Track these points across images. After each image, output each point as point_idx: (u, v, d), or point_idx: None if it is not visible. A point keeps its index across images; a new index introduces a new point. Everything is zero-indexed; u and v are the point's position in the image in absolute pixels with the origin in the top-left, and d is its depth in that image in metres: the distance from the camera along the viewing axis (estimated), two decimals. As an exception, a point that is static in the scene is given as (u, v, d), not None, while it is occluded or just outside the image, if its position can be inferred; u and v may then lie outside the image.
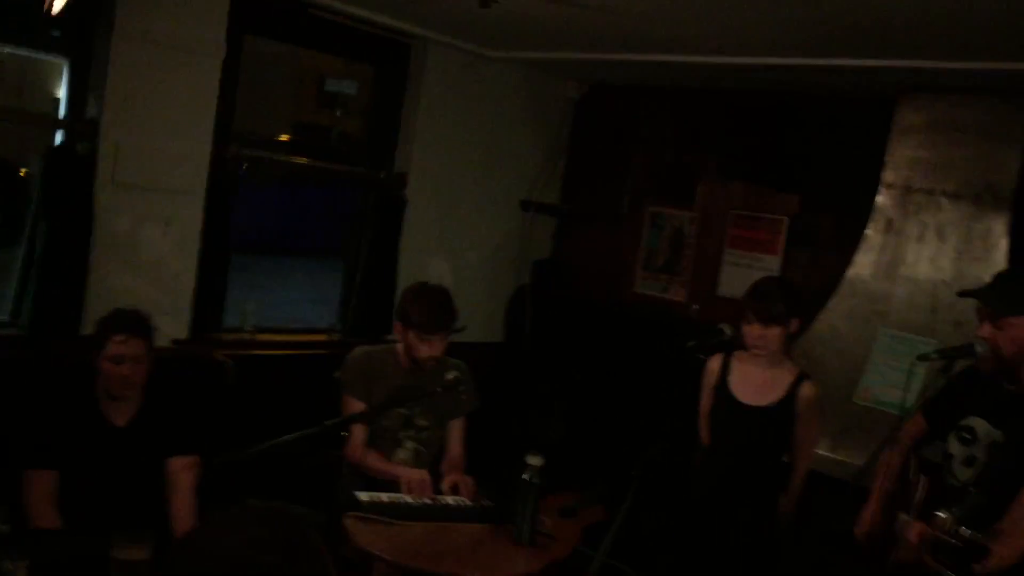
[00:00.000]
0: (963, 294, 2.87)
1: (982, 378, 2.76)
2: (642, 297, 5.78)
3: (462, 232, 5.56)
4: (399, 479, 3.28)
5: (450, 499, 3.28)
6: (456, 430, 3.63)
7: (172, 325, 4.22)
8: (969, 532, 2.42)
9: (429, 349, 3.40)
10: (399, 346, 3.53)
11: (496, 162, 5.66)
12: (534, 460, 2.97)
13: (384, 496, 3.17)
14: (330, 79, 16.78)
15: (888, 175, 4.45)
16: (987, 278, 3.86)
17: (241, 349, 4.53)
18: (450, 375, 3.34)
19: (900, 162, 4.41)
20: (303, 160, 6.19)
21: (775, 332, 3.27)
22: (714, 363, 3.48)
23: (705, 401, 3.50)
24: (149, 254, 4.15)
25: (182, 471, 3.07)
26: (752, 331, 3.28)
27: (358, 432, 3.36)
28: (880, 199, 4.46)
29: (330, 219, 12.57)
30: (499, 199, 5.75)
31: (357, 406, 3.39)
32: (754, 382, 3.36)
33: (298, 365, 4.72)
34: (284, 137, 14.69)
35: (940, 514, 2.50)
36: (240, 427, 3.33)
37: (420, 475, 3.29)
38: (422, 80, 5.15)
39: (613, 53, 4.77)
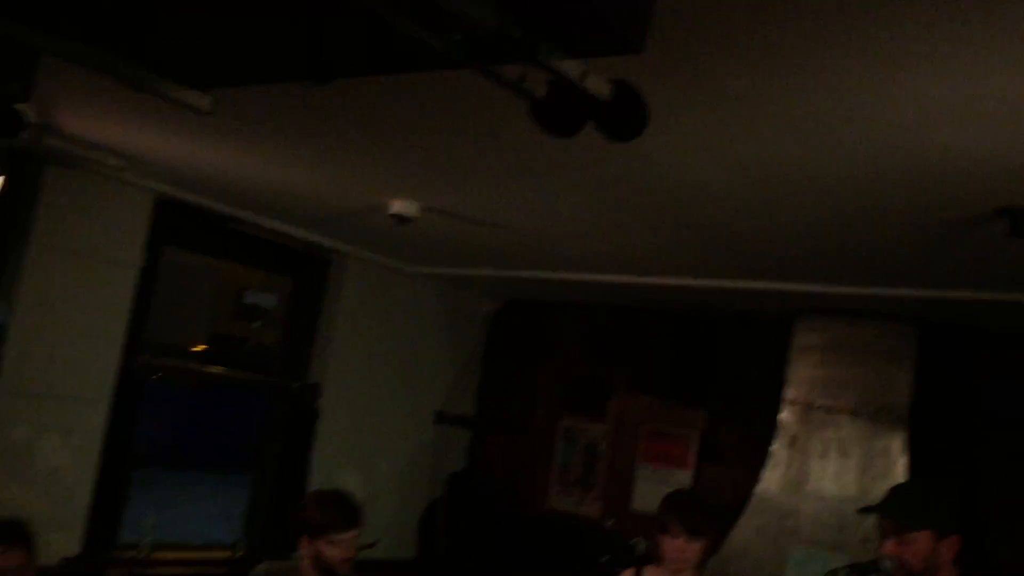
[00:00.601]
0: (864, 511, 2.91)
1: None
2: (556, 511, 5.71)
3: (375, 444, 5.48)
4: None
5: None
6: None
7: (63, 541, 3.99)
8: None
9: (343, 551, 3.27)
10: (304, 563, 3.38)
11: (411, 374, 5.69)
12: None
13: None
14: (249, 291, 16.87)
15: (790, 392, 4.61)
16: (889, 494, 3.96)
17: (136, 567, 4.27)
18: (357, 594, 3.20)
19: (801, 380, 4.59)
20: (217, 369, 6.12)
21: (699, 546, 3.23)
22: (627, 578, 3.41)
23: (619, 615, 3.40)
24: (45, 464, 3.97)
25: None
26: (676, 545, 3.23)
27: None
28: (783, 416, 4.60)
29: (242, 432, 12.27)
30: (413, 411, 5.73)
31: (259, 628, 3.19)
32: (669, 599, 3.28)
33: (197, 585, 4.47)
34: (199, 347, 14.52)
35: None
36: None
37: None
38: (340, 293, 5.24)
39: (525, 270, 4.96)
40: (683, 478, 5.17)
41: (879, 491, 4.16)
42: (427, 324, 5.78)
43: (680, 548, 3.23)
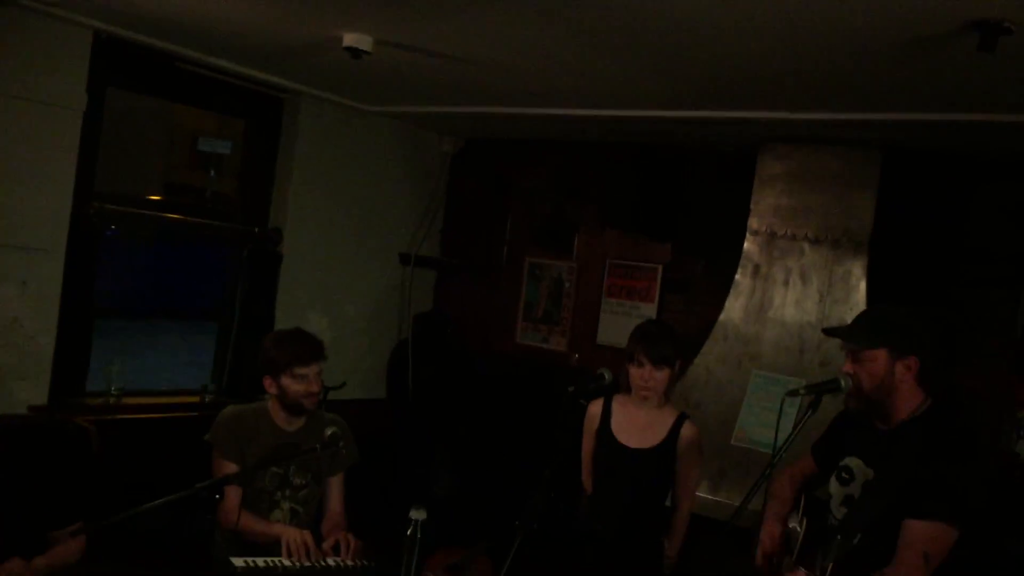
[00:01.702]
0: (827, 331, 2.96)
1: (859, 418, 2.81)
2: (523, 348, 5.81)
3: (340, 287, 5.48)
4: (279, 539, 3.15)
5: (331, 560, 3.16)
6: (335, 487, 3.52)
7: (29, 390, 3.99)
8: None
9: (307, 385, 3.31)
10: (272, 403, 3.42)
11: (374, 216, 5.63)
12: (417, 515, 2.89)
13: (260, 560, 3.03)
14: (203, 138, 16.44)
15: (753, 222, 4.62)
16: (848, 318, 4.05)
17: (106, 414, 4.30)
18: (328, 431, 3.25)
19: (764, 210, 4.59)
20: (174, 216, 6.00)
21: (665, 374, 3.31)
22: (595, 408, 3.49)
23: (587, 446, 3.51)
24: (3, 315, 3.92)
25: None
26: (642, 374, 3.31)
27: (232, 494, 3.21)
28: (747, 245, 4.63)
29: (206, 279, 12.23)
30: (378, 253, 5.70)
31: (229, 467, 3.25)
32: (636, 425, 3.38)
33: (168, 429, 4.50)
34: (155, 197, 14.27)
35: (801, 570, 2.48)
36: (107, 494, 3.15)
37: (301, 535, 3.17)
38: (296, 134, 5.09)
39: (486, 107, 4.83)
40: (648, 311, 5.25)
41: (838, 316, 4.28)
42: (388, 165, 5.68)
43: (646, 376, 3.31)
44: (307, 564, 3.08)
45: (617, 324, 5.31)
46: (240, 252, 4.99)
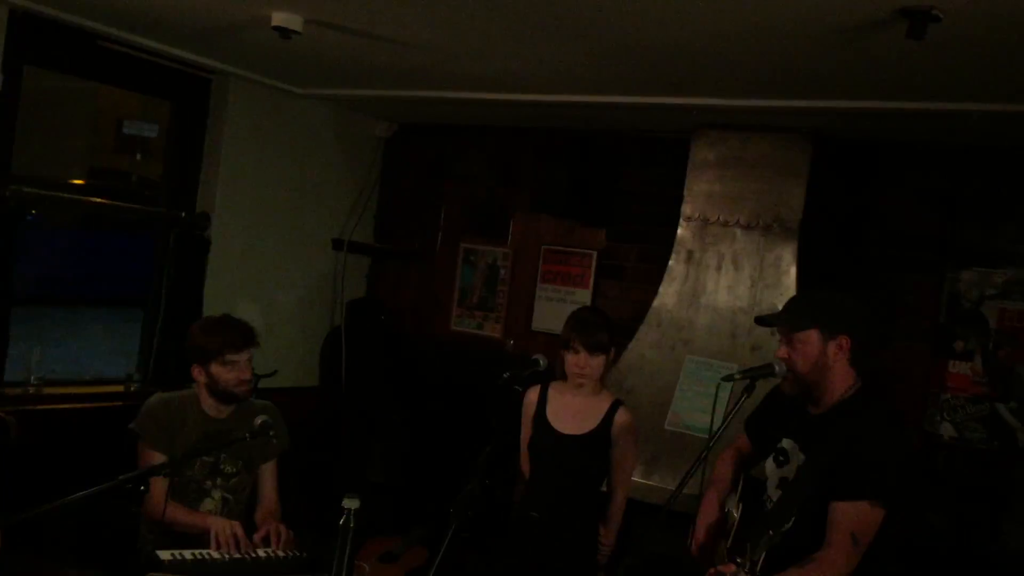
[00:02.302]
0: (759, 320, 2.99)
1: (793, 400, 2.85)
2: (458, 334, 5.78)
3: (272, 273, 5.37)
4: (208, 531, 3.08)
5: (262, 551, 3.10)
6: (268, 475, 3.46)
7: (-57, 381, 3.83)
8: None
9: (240, 372, 3.24)
10: (201, 391, 3.34)
11: (306, 201, 5.53)
12: (350, 503, 2.84)
13: (188, 553, 2.96)
14: (128, 121, 16.00)
15: (687, 208, 4.65)
16: (779, 303, 4.12)
17: (26, 404, 4.16)
18: (258, 419, 3.18)
19: (697, 196, 4.63)
20: (97, 201, 5.83)
21: (600, 361, 3.32)
22: (532, 395, 3.49)
23: (525, 433, 3.50)
24: (-86, 303, 3.75)
25: None
26: (577, 361, 3.31)
27: (158, 485, 3.11)
28: (681, 232, 4.66)
29: (134, 268, 11.91)
30: (310, 238, 5.61)
31: (156, 457, 3.17)
32: (571, 411, 3.39)
33: (92, 419, 4.37)
34: (78, 181, 13.84)
35: (737, 560, 2.46)
36: (27, 487, 3.04)
37: (231, 525, 3.10)
38: (224, 117, 4.97)
39: (420, 90, 4.78)
40: (583, 297, 5.26)
41: (769, 301, 4.33)
42: (320, 149, 5.58)
43: (581, 364, 3.32)
44: (237, 556, 3.02)
45: (552, 310, 5.31)
46: (166, 237, 4.85)
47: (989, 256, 4.34)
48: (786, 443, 2.81)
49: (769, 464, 2.86)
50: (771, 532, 2.41)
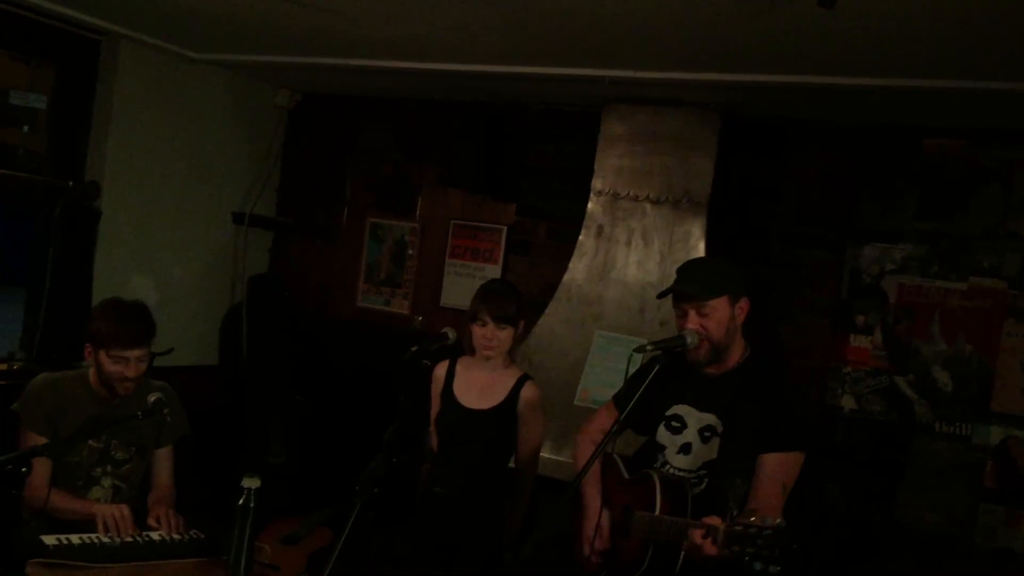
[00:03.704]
0: (662, 295, 2.96)
1: (674, 367, 2.83)
2: (365, 311, 5.64)
3: (167, 247, 5.14)
4: (93, 516, 2.91)
5: (155, 534, 2.95)
6: (163, 460, 3.30)
7: None
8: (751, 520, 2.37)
9: (125, 369, 3.06)
10: (91, 371, 3.15)
11: (204, 172, 5.30)
12: (250, 483, 2.72)
13: (75, 537, 2.80)
14: (15, 92, 15.21)
15: (597, 183, 4.61)
16: (688, 278, 4.11)
17: None
18: (151, 397, 3.02)
19: (607, 170, 4.60)
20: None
21: (507, 333, 3.26)
22: (440, 370, 3.42)
23: (434, 409, 3.43)
24: None
25: None
26: (485, 332, 3.25)
27: (40, 469, 2.93)
28: (591, 206, 4.62)
29: (17, 242, 11.34)
30: (208, 211, 5.39)
31: (38, 440, 2.98)
32: (477, 386, 3.33)
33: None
34: (-41, 153, 13.08)
35: (715, 519, 2.41)
36: None
37: (118, 508, 2.94)
38: (114, 80, 4.71)
39: (322, 57, 4.61)
40: (492, 272, 5.18)
41: (679, 276, 4.33)
42: (219, 117, 5.36)
43: (489, 336, 3.25)
44: (128, 540, 2.86)
45: (461, 286, 5.23)
46: (51, 208, 4.58)
47: (888, 233, 4.43)
48: (680, 409, 2.87)
49: (663, 433, 2.90)
50: (739, 481, 2.52)
